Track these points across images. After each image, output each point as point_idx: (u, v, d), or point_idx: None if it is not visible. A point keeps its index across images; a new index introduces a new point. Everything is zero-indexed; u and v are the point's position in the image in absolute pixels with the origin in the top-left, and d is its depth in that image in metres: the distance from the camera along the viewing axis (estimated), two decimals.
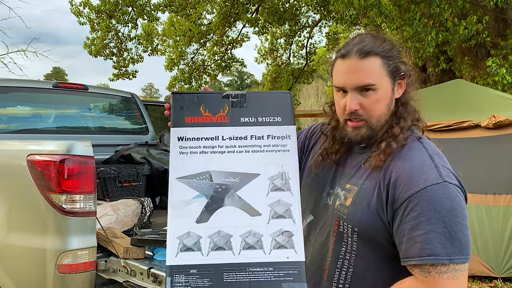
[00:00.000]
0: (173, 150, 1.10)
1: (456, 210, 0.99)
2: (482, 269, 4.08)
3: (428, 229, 0.97)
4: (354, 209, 1.09)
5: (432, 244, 0.96)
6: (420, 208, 0.98)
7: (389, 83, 1.10)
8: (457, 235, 0.97)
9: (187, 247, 1.03)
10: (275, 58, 16.00)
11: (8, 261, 2.01)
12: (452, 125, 4.35)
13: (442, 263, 0.95)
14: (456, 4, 5.76)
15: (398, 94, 1.14)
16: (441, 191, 1.00)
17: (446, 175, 1.05)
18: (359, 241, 1.09)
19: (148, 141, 4.27)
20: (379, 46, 1.09)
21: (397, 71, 1.11)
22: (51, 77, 52.59)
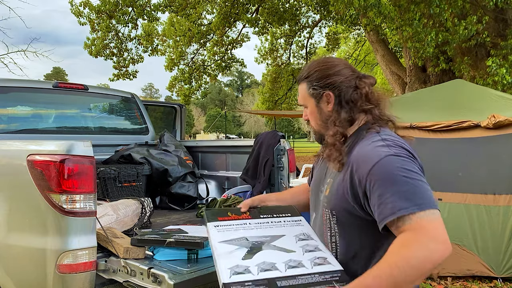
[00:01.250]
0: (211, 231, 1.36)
1: (410, 172, 1.18)
2: (482, 269, 4.08)
3: (393, 191, 1.14)
4: (330, 196, 1.31)
5: (400, 201, 1.13)
6: (381, 178, 1.17)
7: (313, 101, 1.39)
8: (416, 190, 1.16)
9: (238, 272, 1.17)
10: (275, 58, 16.00)
11: (9, 261, 2.01)
12: (452, 125, 4.35)
13: (412, 212, 1.11)
14: (456, 4, 5.76)
15: (329, 108, 1.37)
16: (393, 159, 1.19)
17: (395, 148, 1.23)
18: (338, 223, 1.30)
19: (148, 141, 4.27)
20: (305, 73, 1.40)
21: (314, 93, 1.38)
22: (51, 77, 52.62)
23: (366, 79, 1.41)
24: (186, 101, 14.08)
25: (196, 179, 3.68)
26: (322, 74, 1.37)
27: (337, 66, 1.38)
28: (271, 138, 3.28)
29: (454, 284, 4.10)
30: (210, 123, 47.45)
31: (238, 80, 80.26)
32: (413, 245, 1.09)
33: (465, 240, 4.17)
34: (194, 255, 1.87)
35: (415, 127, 4.51)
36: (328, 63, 1.40)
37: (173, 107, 5.03)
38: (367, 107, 1.36)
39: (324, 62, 1.40)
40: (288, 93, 15.79)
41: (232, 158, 3.81)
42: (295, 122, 51.88)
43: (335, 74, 1.37)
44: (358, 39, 17.67)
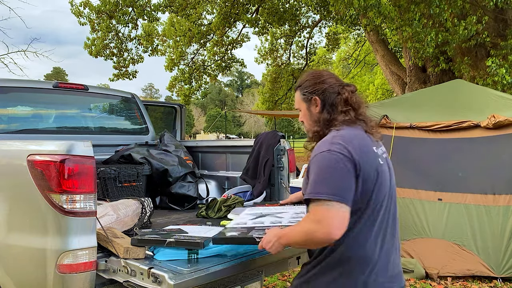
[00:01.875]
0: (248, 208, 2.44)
1: (328, 166, 1.47)
2: (482, 269, 4.08)
3: (312, 178, 1.49)
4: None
5: (310, 187, 1.48)
6: (312, 167, 1.52)
7: (305, 105, 1.72)
8: (324, 181, 1.45)
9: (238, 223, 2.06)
10: (275, 58, 16.00)
11: (9, 261, 2.01)
12: (452, 125, 4.35)
13: (313, 197, 1.44)
14: (455, 5, 5.76)
15: (316, 110, 1.69)
16: (324, 155, 1.49)
17: (334, 146, 1.50)
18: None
19: (148, 141, 4.27)
20: (299, 81, 1.75)
21: (305, 98, 1.71)
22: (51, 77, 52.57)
23: (347, 87, 1.69)
24: (186, 101, 14.08)
25: (196, 179, 3.68)
26: (311, 83, 1.70)
27: (323, 76, 1.70)
28: (271, 138, 3.28)
29: (454, 284, 4.11)
30: (210, 123, 47.44)
31: (238, 80, 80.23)
32: (305, 222, 1.49)
33: (465, 240, 4.18)
34: (194, 255, 1.87)
35: (415, 127, 4.52)
36: (316, 74, 1.72)
37: (173, 107, 5.03)
38: (344, 109, 1.64)
39: (313, 73, 1.74)
40: (288, 93, 15.79)
41: (232, 158, 3.81)
42: (295, 122, 51.83)
43: (321, 82, 1.68)
44: (358, 39, 17.66)
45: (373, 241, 1.52)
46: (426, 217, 4.33)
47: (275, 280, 4.22)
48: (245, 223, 2.03)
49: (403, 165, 4.51)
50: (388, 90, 24.14)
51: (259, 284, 2.27)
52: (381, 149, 1.64)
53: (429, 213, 4.32)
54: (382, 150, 1.65)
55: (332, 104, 1.65)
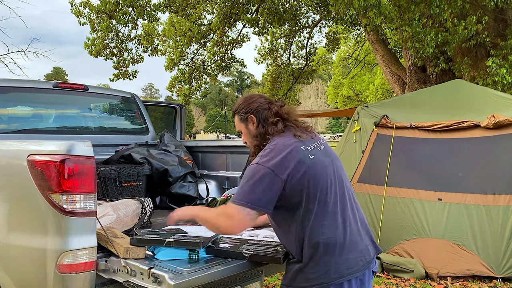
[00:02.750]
0: None
1: (252, 178, 1.71)
2: (482, 269, 4.08)
3: (241, 183, 1.75)
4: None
5: (238, 192, 1.74)
6: (245, 174, 1.76)
7: (243, 125, 1.98)
8: (247, 190, 1.70)
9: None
10: (275, 58, 15.99)
11: (9, 261, 2.01)
12: (452, 125, 4.36)
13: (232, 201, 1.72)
14: (455, 5, 5.76)
15: (254, 127, 1.94)
16: (252, 167, 1.75)
17: (262, 160, 1.74)
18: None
19: (148, 141, 4.27)
20: (236, 107, 2.01)
21: (243, 118, 1.96)
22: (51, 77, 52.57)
23: (276, 102, 1.97)
24: (186, 101, 14.07)
25: (196, 179, 3.68)
26: (244, 105, 1.97)
27: (254, 97, 1.99)
28: None
29: (454, 284, 4.11)
30: (210, 123, 47.42)
31: (238, 80, 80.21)
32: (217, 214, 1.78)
33: (465, 240, 4.18)
34: (195, 255, 1.87)
35: (415, 127, 4.52)
36: (248, 97, 2.00)
37: (173, 107, 5.03)
38: (274, 120, 1.89)
39: (245, 97, 2.02)
40: (288, 93, 15.78)
41: (232, 158, 3.81)
42: None
43: (253, 102, 1.95)
44: (358, 39, 17.66)
45: (332, 224, 1.73)
46: (426, 217, 4.33)
47: (275, 280, 4.22)
48: (241, 233, 2.11)
49: (403, 165, 4.52)
50: (388, 90, 24.14)
51: (259, 284, 2.27)
52: (312, 145, 1.84)
53: (429, 213, 4.32)
54: (314, 145, 1.85)
55: (264, 118, 1.91)
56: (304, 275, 1.72)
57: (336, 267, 1.70)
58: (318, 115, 14.38)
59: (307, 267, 1.71)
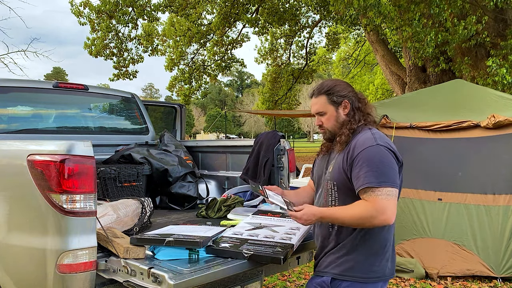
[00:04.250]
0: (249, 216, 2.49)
1: (385, 158, 1.74)
2: (482, 269, 4.09)
3: (367, 170, 1.72)
4: (333, 172, 1.89)
5: (369, 177, 1.70)
6: (362, 159, 1.74)
7: (333, 108, 1.93)
8: (384, 172, 1.71)
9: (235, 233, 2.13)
10: (275, 58, 15.99)
11: (9, 261, 2.01)
12: (452, 125, 4.35)
13: (376, 186, 1.68)
14: (455, 4, 5.76)
15: (345, 112, 1.93)
16: (374, 148, 1.75)
17: (380, 141, 1.77)
18: (338, 191, 1.86)
19: (148, 141, 4.27)
20: (325, 87, 1.95)
21: (335, 101, 1.93)
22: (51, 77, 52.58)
23: (361, 94, 2.00)
24: (186, 101, 14.08)
25: (196, 179, 3.68)
26: (339, 88, 1.94)
27: (344, 83, 1.99)
28: (271, 138, 3.28)
29: (454, 284, 4.11)
30: (210, 123, 47.44)
31: (238, 80, 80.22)
32: (362, 208, 1.70)
33: (465, 240, 4.18)
34: (195, 255, 1.87)
35: (415, 127, 4.52)
36: (343, 82, 2.00)
37: (173, 107, 5.03)
38: (367, 111, 1.96)
39: (339, 80, 2.00)
40: (288, 93, 15.79)
41: (232, 158, 3.81)
42: (295, 122, 51.86)
43: (346, 88, 1.96)
44: (358, 39, 17.67)
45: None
46: (426, 217, 4.33)
47: (275, 280, 4.22)
48: (241, 233, 2.10)
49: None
50: (388, 90, 24.15)
51: (259, 284, 2.28)
52: None
53: (429, 213, 4.32)
54: None
55: (358, 107, 1.93)
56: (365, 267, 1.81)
57: (392, 263, 1.87)
58: None
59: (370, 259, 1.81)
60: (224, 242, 1.98)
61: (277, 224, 2.25)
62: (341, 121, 1.92)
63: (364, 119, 1.93)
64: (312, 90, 1.99)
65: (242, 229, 2.18)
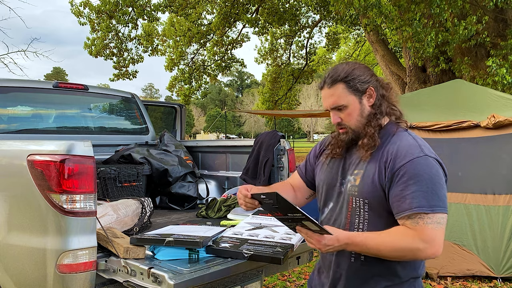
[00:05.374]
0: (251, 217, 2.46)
1: (435, 175, 1.35)
2: (482, 269, 4.09)
3: (414, 189, 1.32)
4: (362, 185, 1.44)
5: (418, 199, 1.31)
6: (408, 175, 1.34)
7: (355, 99, 1.49)
8: (437, 193, 1.33)
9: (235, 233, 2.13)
10: (275, 58, 15.99)
11: (9, 261, 2.01)
12: (452, 125, 4.35)
13: (426, 212, 1.30)
14: (455, 5, 5.76)
15: (370, 102, 1.50)
16: (423, 161, 1.36)
17: (427, 151, 1.39)
18: (370, 211, 1.43)
19: (148, 141, 4.27)
20: (341, 74, 1.48)
21: (359, 89, 1.48)
22: (51, 77, 52.62)
23: (382, 79, 1.57)
24: (186, 101, 14.08)
25: (196, 179, 3.68)
26: (360, 72, 1.49)
27: (365, 67, 1.53)
28: (271, 138, 3.28)
29: (454, 284, 4.11)
30: (210, 123, 47.45)
31: (238, 80, 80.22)
32: (407, 239, 1.32)
33: (465, 240, 4.18)
34: (195, 255, 1.87)
35: (415, 127, 4.51)
36: (362, 64, 1.55)
37: (173, 107, 5.03)
38: (392, 102, 1.55)
39: (355, 64, 1.54)
40: (288, 93, 15.78)
41: (232, 158, 3.81)
42: (295, 122, 51.86)
43: (367, 72, 1.52)
44: (358, 39, 17.67)
45: None
46: None
47: (275, 280, 4.22)
48: (241, 233, 2.10)
49: None
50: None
51: (259, 284, 2.27)
52: None
53: None
54: None
55: (383, 96, 1.52)
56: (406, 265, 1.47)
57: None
58: (318, 115, 14.37)
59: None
60: (224, 242, 1.98)
61: (277, 224, 2.25)
62: (366, 116, 1.49)
63: (391, 112, 1.54)
64: (323, 78, 1.54)
65: (242, 229, 2.18)
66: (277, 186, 1.79)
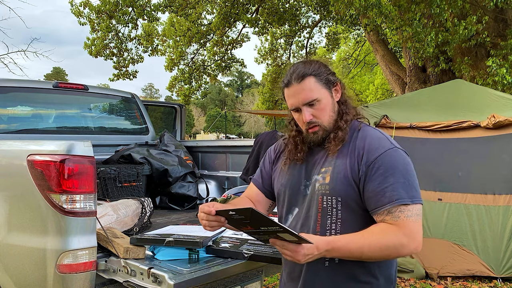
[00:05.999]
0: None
1: (409, 165, 1.33)
2: (482, 269, 4.09)
3: (392, 181, 1.29)
4: (333, 182, 1.37)
5: (398, 191, 1.27)
6: (384, 167, 1.31)
7: (327, 92, 1.43)
8: (413, 184, 1.30)
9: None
10: (275, 58, 15.99)
11: (9, 261, 2.01)
12: (452, 125, 4.35)
13: (406, 203, 1.26)
14: (456, 5, 5.76)
15: (337, 97, 1.47)
16: (395, 153, 1.34)
17: (395, 143, 1.38)
18: (343, 209, 1.36)
19: (148, 141, 4.27)
20: (308, 68, 1.42)
21: (329, 81, 1.44)
22: (51, 77, 52.60)
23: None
24: (186, 101, 14.08)
25: (196, 179, 3.68)
26: (326, 68, 1.47)
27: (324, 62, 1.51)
28: (271, 138, 3.28)
29: (454, 284, 4.11)
30: (210, 123, 47.44)
31: (238, 80, 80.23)
32: (390, 236, 1.26)
33: (465, 240, 4.18)
34: (195, 255, 1.87)
35: (415, 127, 4.52)
36: (318, 61, 1.51)
37: (173, 107, 5.03)
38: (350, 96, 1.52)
39: (316, 60, 1.50)
40: None
41: (232, 158, 3.81)
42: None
43: (329, 68, 1.49)
44: (358, 39, 17.66)
45: None
46: (426, 217, 4.33)
47: (275, 280, 4.22)
48: (241, 233, 2.07)
49: None
50: (388, 90, 24.14)
51: (259, 284, 2.27)
52: None
53: (429, 213, 4.32)
54: None
55: (344, 92, 1.50)
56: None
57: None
58: None
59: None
60: (224, 242, 1.98)
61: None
62: (336, 111, 1.45)
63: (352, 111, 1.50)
64: (287, 77, 1.47)
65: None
66: (235, 202, 1.67)
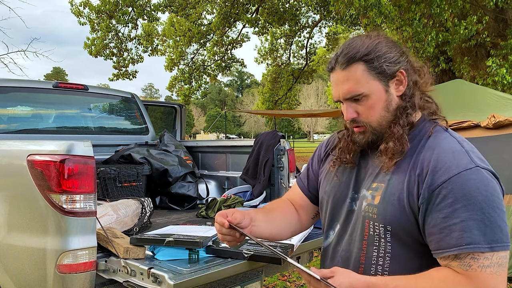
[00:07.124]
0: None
1: (492, 195, 0.95)
2: None
3: (465, 217, 0.92)
4: (384, 206, 1.04)
5: (470, 232, 0.91)
6: (454, 195, 0.94)
7: (380, 85, 1.07)
8: (497, 222, 0.93)
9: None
10: (275, 58, 16.00)
11: (8, 261, 2.01)
12: (452, 125, 4.35)
13: (482, 251, 0.91)
14: (456, 5, 5.76)
15: (400, 91, 1.09)
16: (475, 175, 0.95)
17: (478, 160, 1.00)
18: (393, 242, 1.04)
19: (148, 141, 4.27)
20: (362, 49, 1.06)
21: (384, 72, 1.06)
22: (51, 77, 52.67)
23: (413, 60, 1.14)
24: (186, 101, 14.09)
25: (196, 179, 3.68)
26: (388, 49, 1.07)
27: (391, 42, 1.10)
28: (271, 138, 3.28)
29: None
30: (210, 123, 47.46)
31: (238, 80, 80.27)
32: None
33: None
34: (195, 255, 1.87)
35: None
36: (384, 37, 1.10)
37: (173, 107, 5.03)
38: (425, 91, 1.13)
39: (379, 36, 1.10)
40: (288, 93, 15.79)
41: (232, 158, 3.81)
42: (295, 122, 51.88)
43: (394, 49, 1.09)
44: None
45: None
46: None
47: (275, 280, 4.22)
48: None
49: None
50: None
51: (259, 284, 2.27)
52: None
53: None
54: None
55: (415, 83, 1.11)
56: None
57: None
58: (318, 115, 14.38)
59: None
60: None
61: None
62: (393, 110, 1.08)
63: (425, 106, 1.13)
64: (334, 56, 1.13)
65: None
66: (274, 207, 1.37)
